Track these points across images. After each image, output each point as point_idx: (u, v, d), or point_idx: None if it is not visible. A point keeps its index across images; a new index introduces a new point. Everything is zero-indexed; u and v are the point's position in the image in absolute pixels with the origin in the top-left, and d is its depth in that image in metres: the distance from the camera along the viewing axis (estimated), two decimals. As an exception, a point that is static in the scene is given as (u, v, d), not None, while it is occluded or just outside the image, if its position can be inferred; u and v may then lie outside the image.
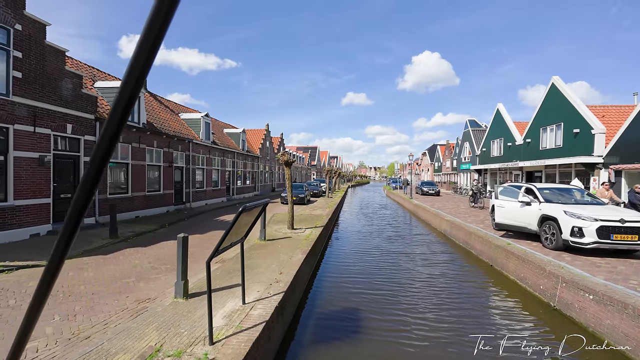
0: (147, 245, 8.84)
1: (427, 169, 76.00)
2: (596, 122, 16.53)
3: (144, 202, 13.76)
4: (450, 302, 6.71)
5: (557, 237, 8.03)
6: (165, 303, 4.78)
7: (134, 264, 7.02)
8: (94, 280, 5.86)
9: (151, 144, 14.26)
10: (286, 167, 11.23)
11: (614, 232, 7.22)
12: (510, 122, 25.34)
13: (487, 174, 29.21)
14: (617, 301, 4.94)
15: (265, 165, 32.28)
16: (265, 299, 5.06)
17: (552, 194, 9.37)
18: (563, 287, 6.11)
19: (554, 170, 19.81)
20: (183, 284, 4.92)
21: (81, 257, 7.33)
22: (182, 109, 21.35)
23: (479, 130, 33.36)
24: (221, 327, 4.09)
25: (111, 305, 4.75)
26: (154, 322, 4.15)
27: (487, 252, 9.64)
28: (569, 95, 18.41)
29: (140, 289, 5.48)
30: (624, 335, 4.72)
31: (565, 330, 5.45)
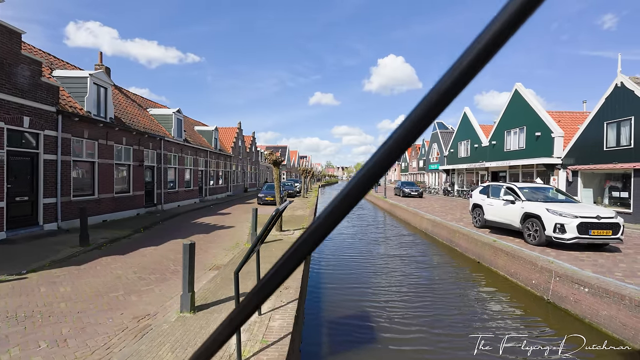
0: (125, 252, 7.99)
1: (394, 169, 78.56)
2: (555, 126, 18.02)
3: (112, 204, 12.53)
4: (446, 297, 6.81)
5: (540, 234, 8.52)
6: (171, 319, 4.27)
7: (117, 274, 6.27)
8: (75, 295, 5.11)
9: (120, 140, 13.02)
10: (274, 167, 10.82)
11: (592, 227, 7.81)
12: (476, 125, 26.86)
13: (455, 173, 30.74)
14: (613, 293, 5.29)
15: (237, 164, 31.19)
16: (279, 308, 4.73)
17: (531, 192, 9.96)
18: (557, 281, 6.46)
19: (517, 170, 21.29)
20: (190, 296, 4.43)
21: (50, 269, 6.41)
22: (150, 104, 19.87)
23: (447, 132, 35.02)
24: (244, 342, 3.72)
25: (106, 325, 4.13)
26: (165, 342, 3.67)
27: (474, 249, 10.02)
28: (530, 101, 19.89)
29: (133, 304, 4.87)
30: (621, 325, 5.06)
31: (561, 322, 5.76)
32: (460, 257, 10.27)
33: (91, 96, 11.60)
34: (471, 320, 5.88)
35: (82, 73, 11.52)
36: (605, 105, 14.75)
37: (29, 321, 4.17)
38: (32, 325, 4.05)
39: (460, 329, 5.47)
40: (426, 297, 6.95)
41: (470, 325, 5.67)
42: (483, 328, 5.59)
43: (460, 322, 5.78)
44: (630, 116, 13.49)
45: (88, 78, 11.47)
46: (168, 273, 6.49)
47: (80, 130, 10.84)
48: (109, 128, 12.25)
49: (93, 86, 11.73)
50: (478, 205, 11.82)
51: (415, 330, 5.43)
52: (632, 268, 6.59)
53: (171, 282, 5.97)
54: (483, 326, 5.64)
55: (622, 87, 13.89)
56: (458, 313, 6.15)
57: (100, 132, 11.84)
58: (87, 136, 11.15)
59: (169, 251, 8.29)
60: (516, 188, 10.07)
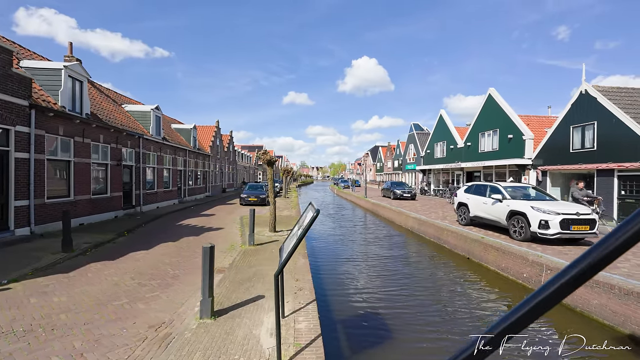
0: (115, 258, 7.49)
1: (369, 169, 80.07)
2: (526, 129, 19.27)
3: (90, 206, 11.68)
4: (441, 291, 7.08)
5: (525, 230, 9.08)
6: (191, 326, 4.06)
7: (114, 281, 5.86)
8: (73, 306, 4.71)
9: (97, 138, 12.17)
10: (268, 166, 10.64)
11: (572, 223, 8.45)
12: (452, 127, 28.05)
13: (431, 173, 31.90)
14: (602, 283, 5.76)
15: (215, 164, 30.27)
16: (301, 310, 4.67)
17: (514, 191, 10.58)
18: (548, 274, 6.92)
19: (490, 170, 22.51)
20: (210, 301, 4.24)
21: (34, 278, 5.85)
22: (125, 100, 18.74)
23: (423, 134, 36.25)
24: (283, 344, 3.62)
25: (122, 336, 3.85)
26: (194, 351, 3.49)
27: (463, 245, 10.46)
28: (503, 105, 21.11)
29: (143, 312, 4.57)
30: (611, 312, 5.53)
31: (553, 312, 6.17)
32: (450, 254, 10.68)
33: (66, 90, 10.73)
34: (468, 310, 6.15)
35: (55, 64, 10.62)
36: (571, 110, 16.00)
37: (31, 336, 3.79)
38: (37, 340, 3.68)
39: (460, 319, 5.70)
40: (420, 288, 7.17)
41: (469, 315, 5.93)
42: (479, 318, 5.87)
43: (458, 311, 6.02)
44: (593, 121, 14.73)
45: (63, 70, 10.60)
46: (169, 278, 6.17)
47: (55, 126, 9.99)
48: (85, 125, 11.41)
49: (68, 79, 10.86)
50: (463, 204, 12.36)
51: (420, 322, 5.59)
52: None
53: (175, 287, 5.68)
54: (479, 317, 5.91)
55: (586, 94, 15.14)
56: (454, 304, 6.40)
57: (77, 129, 10.99)
58: (62, 133, 10.31)
59: (162, 255, 7.87)
60: (501, 187, 10.65)
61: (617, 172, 13.64)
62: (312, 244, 12.17)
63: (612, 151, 13.76)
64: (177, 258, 7.66)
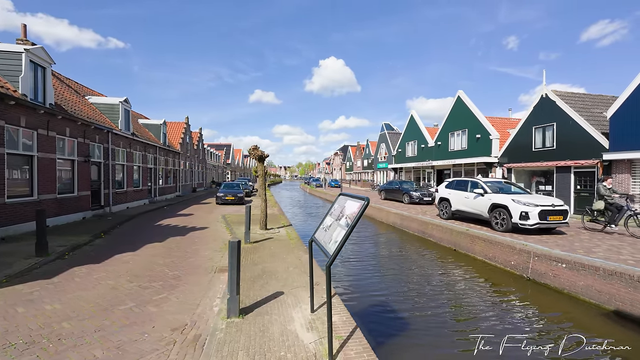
0: (100, 261, 6.82)
1: (338, 168, 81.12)
2: (493, 130, 20.67)
3: (56, 207, 10.52)
4: (434, 282, 7.40)
5: (507, 221, 9.73)
6: (220, 326, 3.81)
7: (109, 285, 5.33)
8: (73, 313, 4.21)
9: (63, 132, 10.99)
10: (259, 162, 10.33)
11: (549, 214, 9.22)
12: (422, 127, 29.29)
13: (403, 171, 33.05)
14: (588, 266, 6.35)
15: (186, 162, 28.80)
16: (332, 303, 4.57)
17: (492, 186, 11.29)
18: (535, 261, 7.48)
19: (460, 168, 23.84)
20: (238, 299, 4.01)
21: (12, 286, 5.14)
22: (87, 91, 17.14)
23: (394, 133, 37.45)
24: (319, 340, 3.53)
25: (146, 342, 3.51)
26: (235, 350, 3.27)
27: (449, 238, 10.97)
28: (471, 106, 22.45)
29: (159, 315, 4.21)
30: (597, 291, 6.11)
31: (542, 295, 6.70)
32: (436, 246, 11.15)
33: (27, 76, 9.56)
34: (463, 300, 6.48)
35: (15, 47, 9.42)
36: (533, 112, 17.44)
37: (37, 347, 3.31)
38: (46, 353, 3.23)
39: (458, 308, 5.99)
40: (419, 279, 7.42)
41: (466, 303, 6.25)
42: (474, 306, 6.20)
43: (450, 301, 6.32)
44: (553, 122, 16.19)
45: (24, 54, 9.43)
46: (170, 279, 5.74)
47: (16, 116, 8.86)
48: (50, 116, 10.25)
49: (29, 64, 9.69)
50: (445, 199, 12.96)
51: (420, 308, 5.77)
52: (585, 246, 7.96)
53: (181, 288, 5.30)
54: (474, 304, 6.26)
55: (546, 98, 16.60)
56: (448, 294, 6.71)
57: (41, 121, 9.84)
58: (24, 124, 9.17)
59: (153, 256, 7.31)
60: (482, 182, 11.31)
61: (574, 168, 15.11)
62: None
63: (569, 150, 15.21)
64: (170, 259, 7.16)
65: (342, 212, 3.67)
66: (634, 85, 12.48)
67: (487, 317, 5.73)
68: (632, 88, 12.49)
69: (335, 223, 3.70)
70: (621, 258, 6.69)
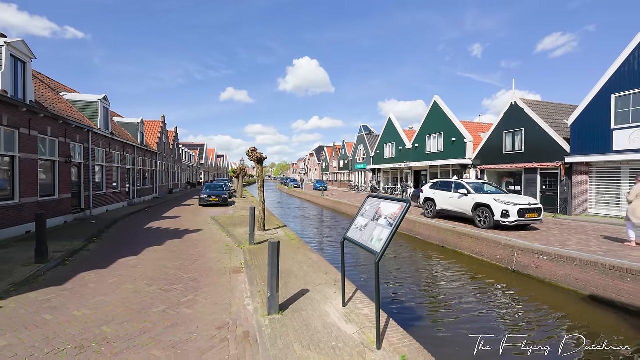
0: (105, 266, 6.64)
1: (314, 168, 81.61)
2: (467, 133, 22.08)
3: (37, 211, 9.90)
4: (426, 275, 8.03)
5: (489, 219, 10.62)
6: (264, 322, 4.01)
7: (129, 289, 5.28)
8: (107, 317, 4.18)
9: (44, 131, 10.37)
10: (258, 164, 10.42)
11: (526, 212, 10.20)
12: (400, 129, 30.47)
13: (381, 172, 34.14)
14: (566, 257, 7.21)
15: (162, 163, 27.76)
16: (353, 299, 4.91)
17: (474, 186, 12.21)
18: (519, 254, 8.31)
19: (436, 169, 25.16)
20: (277, 297, 4.23)
21: (24, 294, 4.95)
22: (61, 87, 16.11)
23: (372, 135, 38.53)
24: (359, 331, 3.86)
25: (198, 341, 3.62)
26: (289, 343, 3.51)
27: (436, 235, 11.72)
28: (447, 111, 23.81)
29: (197, 316, 4.30)
30: (574, 279, 6.97)
31: (526, 284, 7.50)
32: (425, 244, 11.86)
33: (7, 72, 8.97)
34: (456, 289, 7.13)
35: (-7, 40, 8.79)
36: (504, 118, 18.91)
37: (90, 351, 3.33)
38: (102, 357, 3.27)
39: (444, 297, 6.61)
40: (414, 272, 7.99)
41: (459, 293, 6.89)
42: (466, 295, 6.86)
43: (443, 292, 6.95)
44: (521, 128, 17.69)
45: (4, 48, 8.84)
46: (189, 282, 5.78)
47: (-2, 115, 8.30)
48: (32, 114, 9.66)
49: (10, 59, 9.10)
50: (430, 199, 13.77)
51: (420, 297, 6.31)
52: (559, 240, 8.96)
53: (205, 290, 5.38)
54: (466, 294, 6.92)
55: (515, 105, 18.09)
56: (440, 286, 7.34)
57: (22, 119, 9.25)
58: (6, 123, 8.60)
59: (159, 260, 7.22)
60: (464, 183, 12.20)
61: (540, 170, 16.64)
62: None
63: (536, 153, 16.73)
64: (178, 262, 7.12)
65: (379, 213, 4.03)
66: (589, 97, 14.04)
67: (478, 306, 6.36)
68: (589, 100, 14.05)
69: (372, 223, 4.04)
70: (591, 250, 7.65)
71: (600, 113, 13.60)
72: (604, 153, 13.39)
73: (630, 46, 12.57)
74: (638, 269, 6.01)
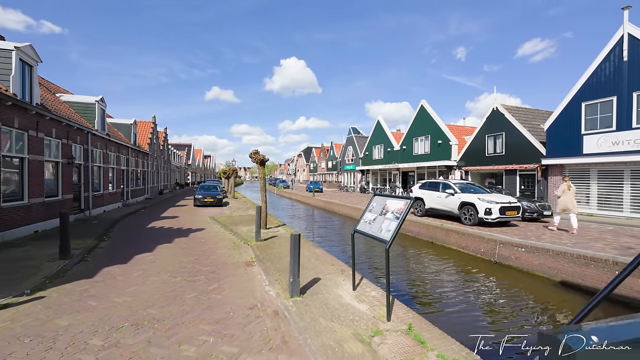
0: (124, 262, 7.09)
1: (302, 169, 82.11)
2: (452, 136, 23.28)
3: (43, 211, 10.14)
4: (418, 267, 8.87)
5: (474, 216, 11.59)
6: (288, 303, 4.66)
7: (158, 281, 5.79)
8: (147, 302, 4.71)
9: (50, 132, 10.60)
10: (261, 166, 10.99)
11: (507, 210, 11.22)
12: (388, 132, 31.54)
13: (370, 173, 35.14)
14: (540, 249, 8.18)
15: (153, 163, 27.72)
16: (361, 284, 5.62)
17: (460, 186, 13.19)
18: (501, 247, 9.26)
19: (423, 170, 26.30)
20: (298, 282, 4.89)
21: (61, 285, 5.38)
22: (56, 88, 16.12)
23: (360, 137, 39.52)
24: (371, 308, 4.57)
25: (237, 317, 4.23)
26: (315, 318, 4.18)
27: (426, 232, 12.61)
28: (433, 115, 24.97)
29: (227, 300, 4.88)
30: (548, 267, 7.94)
31: (506, 273, 8.43)
32: (415, 240, 12.74)
33: (16, 75, 9.21)
34: (444, 278, 7.98)
35: (4, 45, 9.02)
36: (486, 123, 20.16)
37: (145, 327, 3.88)
38: (159, 331, 3.82)
39: (436, 286, 7.47)
40: (408, 265, 8.81)
41: (447, 281, 7.74)
42: (454, 283, 7.73)
43: (435, 282, 7.80)
44: (502, 132, 18.94)
45: (14, 52, 9.08)
46: (209, 274, 6.33)
47: (10, 117, 8.56)
48: (39, 117, 9.90)
49: (18, 63, 9.33)
50: (419, 198, 14.68)
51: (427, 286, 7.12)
52: (535, 234, 9.98)
53: (226, 280, 5.95)
54: (454, 282, 7.78)
55: (497, 111, 19.35)
56: (431, 277, 8.19)
57: (31, 122, 9.50)
58: (17, 125, 8.86)
59: (172, 256, 7.71)
60: (451, 183, 13.17)
61: (519, 171, 17.91)
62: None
63: (515, 155, 17.99)
64: (192, 257, 7.64)
65: (386, 209, 4.76)
66: (563, 104, 15.34)
67: (465, 291, 7.22)
68: (562, 107, 15.35)
69: (380, 217, 4.77)
70: (562, 242, 8.67)
71: (572, 119, 14.91)
72: (576, 156, 14.68)
73: (597, 59, 13.89)
74: (599, 257, 7.01)
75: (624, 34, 12.81)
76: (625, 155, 12.76)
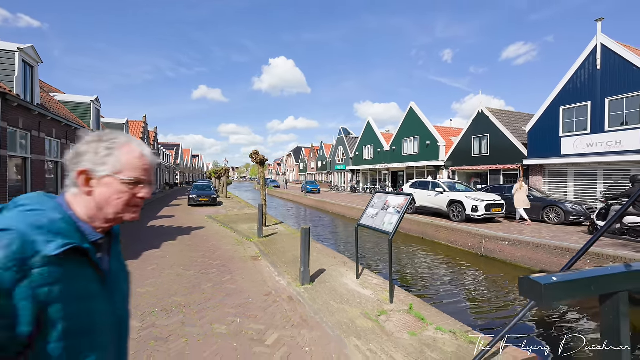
0: (135, 257, 7.39)
1: (292, 169, 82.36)
2: (440, 137, 24.20)
3: (45, 210, 10.25)
4: (410, 260, 9.52)
5: (462, 214, 12.34)
6: (300, 290, 5.15)
7: (173, 273, 6.16)
8: (169, 292, 5.10)
9: (50, 133, 10.71)
10: (260, 166, 11.39)
11: (492, 207, 12.02)
12: (378, 132, 32.33)
13: (360, 173, 35.86)
14: (522, 242, 8.93)
15: (144, 163, 27.54)
16: (363, 273, 6.15)
17: (448, 185, 13.95)
18: (487, 241, 9.99)
19: (412, 170, 27.17)
20: (308, 271, 5.38)
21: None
22: (49, 88, 16.03)
23: (351, 137, 40.22)
24: (374, 294, 5.11)
25: (255, 302, 4.69)
26: (327, 302, 4.68)
27: (416, 229, 13.30)
28: (422, 116, 25.86)
29: (243, 289, 5.31)
30: (529, 259, 8.69)
31: (492, 265, 9.15)
32: (407, 236, 13.41)
33: (19, 76, 9.33)
34: (435, 269, 8.65)
35: (8, 45, 9.13)
36: (472, 124, 21.11)
37: (174, 312, 4.29)
38: (187, 315, 4.25)
39: (430, 277, 8.12)
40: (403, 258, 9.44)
41: (438, 272, 8.40)
42: (444, 273, 8.39)
43: (427, 274, 8.46)
44: (487, 133, 19.91)
45: (17, 53, 9.21)
46: (220, 267, 6.73)
47: (15, 118, 8.70)
48: (41, 117, 10.03)
49: (21, 64, 9.45)
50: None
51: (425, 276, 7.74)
52: (518, 230, 10.78)
53: (238, 272, 6.37)
54: (444, 273, 8.45)
55: (482, 113, 20.31)
56: (423, 270, 8.84)
57: (34, 122, 9.63)
58: (21, 126, 8.99)
59: (181, 252, 8.06)
60: (440, 183, 13.90)
61: (503, 171, 18.89)
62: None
63: (499, 156, 18.96)
64: (199, 252, 8.01)
65: (387, 204, 5.31)
66: (543, 108, 16.34)
67: (455, 280, 7.87)
68: (542, 110, 16.35)
69: (382, 212, 5.31)
70: (542, 235, 9.46)
71: (551, 122, 15.91)
72: (555, 157, 15.68)
73: (574, 66, 14.91)
74: (574, 248, 7.78)
75: (597, 44, 13.84)
76: (598, 156, 13.78)
